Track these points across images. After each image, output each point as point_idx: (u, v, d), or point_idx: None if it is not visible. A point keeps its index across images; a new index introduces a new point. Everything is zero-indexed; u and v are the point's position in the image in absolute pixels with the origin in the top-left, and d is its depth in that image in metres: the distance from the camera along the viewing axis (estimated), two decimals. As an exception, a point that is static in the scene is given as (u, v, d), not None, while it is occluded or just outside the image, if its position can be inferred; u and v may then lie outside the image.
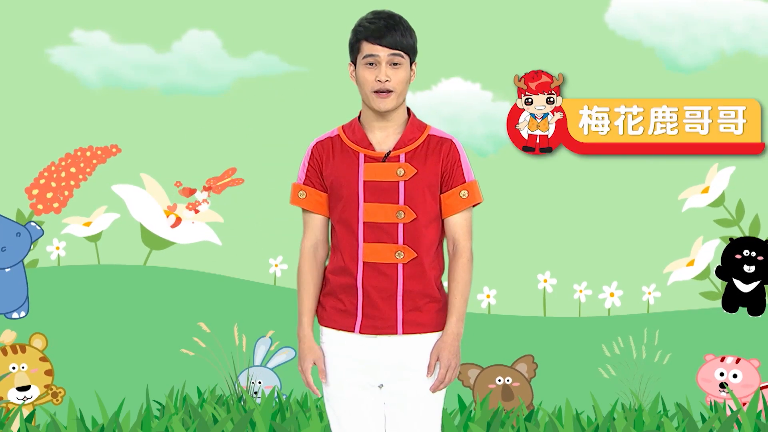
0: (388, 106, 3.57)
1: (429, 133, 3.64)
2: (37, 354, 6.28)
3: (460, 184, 3.61)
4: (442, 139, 3.63)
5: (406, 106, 3.66)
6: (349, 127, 3.66)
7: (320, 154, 3.65)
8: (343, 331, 3.62)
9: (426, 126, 3.66)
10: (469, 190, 3.61)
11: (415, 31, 3.61)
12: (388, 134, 3.62)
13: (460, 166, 3.61)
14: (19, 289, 6.30)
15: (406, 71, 3.58)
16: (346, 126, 3.67)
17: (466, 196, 3.61)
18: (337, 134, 3.67)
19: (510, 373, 6.32)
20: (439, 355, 3.58)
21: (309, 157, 3.68)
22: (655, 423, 6.07)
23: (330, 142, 3.66)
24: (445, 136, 3.65)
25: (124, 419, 6.11)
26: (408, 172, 3.58)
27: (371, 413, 3.63)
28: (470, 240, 3.64)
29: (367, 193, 3.58)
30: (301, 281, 3.69)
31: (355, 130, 3.64)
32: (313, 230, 3.70)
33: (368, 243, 3.57)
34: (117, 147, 6.36)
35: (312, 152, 3.67)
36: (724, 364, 6.26)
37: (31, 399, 6.28)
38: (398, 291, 3.58)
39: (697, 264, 6.30)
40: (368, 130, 3.63)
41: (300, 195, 3.69)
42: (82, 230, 6.35)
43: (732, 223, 6.28)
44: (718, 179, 6.27)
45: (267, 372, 6.36)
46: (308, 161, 3.67)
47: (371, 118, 3.62)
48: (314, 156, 3.66)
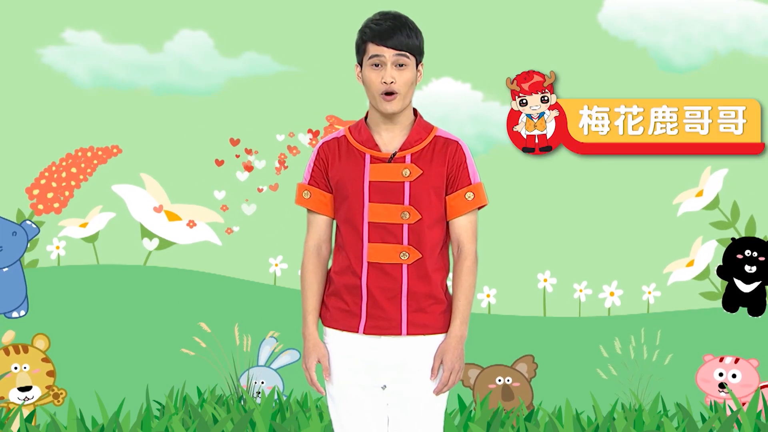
0: (395, 109, 3.57)
1: (435, 134, 3.64)
2: (39, 355, 6.28)
3: (465, 186, 3.60)
4: (448, 140, 3.63)
5: (413, 107, 3.66)
6: (355, 128, 3.66)
7: (326, 155, 3.65)
8: (346, 331, 3.62)
9: (433, 127, 3.66)
10: (474, 192, 3.61)
11: (421, 32, 3.60)
12: (395, 135, 3.62)
13: (466, 168, 3.61)
14: (18, 288, 6.30)
15: (412, 72, 3.57)
16: (352, 127, 3.67)
17: (471, 198, 3.61)
18: (344, 135, 3.67)
19: (510, 373, 6.32)
20: (443, 358, 3.58)
21: (315, 157, 3.67)
22: (655, 423, 6.07)
23: (336, 142, 3.66)
24: (452, 137, 3.65)
25: (124, 419, 6.10)
26: (414, 173, 3.58)
27: (374, 414, 3.63)
28: (475, 242, 3.63)
29: (373, 194, 3.57)
30: (305, 280, 3.69)
31: (361, 131, 3.63)
32: (317, 230, 3.69)
33: (373, 243, 3.57)
34: (118, 147, 6.35)
35: (318, 153, 3.67)
36: (723, 365, 6.27)
37: (33, 399, 6.27)
38: (403, 291, 3.57)
39: (697, 264, 6.30)
40: (374, 131, 3.63)
41: (305, 195, 3.69)
42: (78, 231, 6.34)
43: (728, 225, 6.29)
44: (712, 182, 6.28)
45: (270, 372, 6.36)
46: (314, 162, 3.67)
47: (378, 119, 3.62)
48: (320, 156, 3.66)
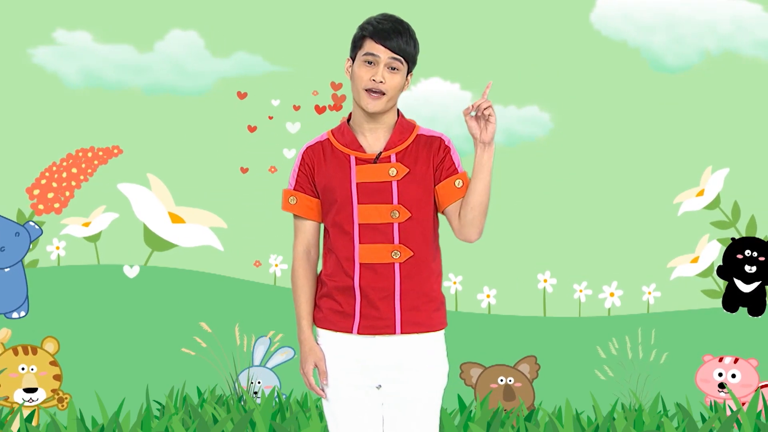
0: (377, 108, 3.56)
1: (418, 132, 3.64)
2: (47, 357, 6.29)
3: (453, 174, 3.61)
4: (430, 137, 3.63)
5: (396, 109, 3.66)
6: (338, 131, 3.65)
7: (311, 159, 3.65)
8: (340, 332, 3.62)
9: (415, 126, 3.66)
10: (463, 180, 3.61)
11: (419, 43, 3.60)
12: (378, 136, 3.62)
13: (451, 158, 3.61)
14: (19, 289, 6.31)
15: (402, 78, 3.58)
16: (335, 129, 3.67)
17: (461, 186, 3.61)
18: (327, 138, 3.66)
19: (512, 373, 6.32)
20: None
21: (300, 162, 3.67)
22: (655, 423, 6.07)
23: (320, 146, 3.66)
24: (434, 133, 3.65)
25: (124, 419, 6.11)
26: (400, 172, 3.58)
27: (369, 414, 3.63)
28: None
29: (361, 195, 3.57)
30: (297, 285, 3.69)
31: (344, 133, 3.63)
32: (305, 235, 3.70)
33: (364, 244, 3.57)
34: (118, 148, 6.36)
35: (303, 158, 3.67)
36: (722, 365, 6.26)
37: (37, 401, 6.28)
38: (396, 291, 3.57)
39: (702, 261, 6.29)
40: (358, 133, 3.63)
41: (291, 201, 3.68)
42: (81, 230, 6.36)
43: (728, 225, 6.28)
44: (713, 182, 6.27)
45: (266, 372, 6.36)
46: (299, 167, 3.67)
47: (361, 119, 3.62)
48: (305, 161, 3.66)
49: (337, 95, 6.22)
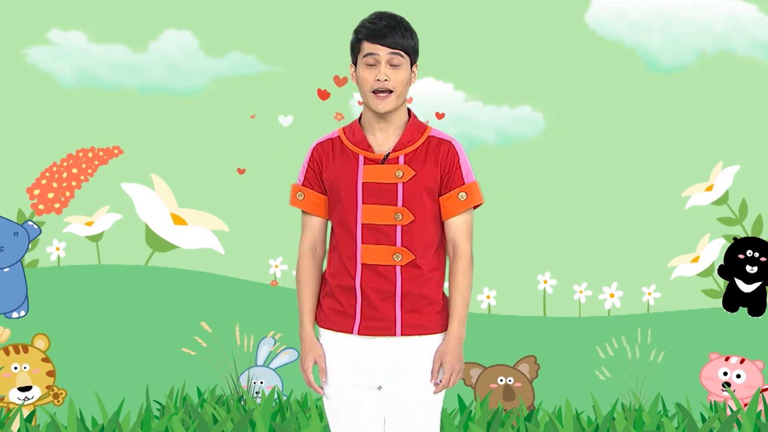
0: (387, 107, 3.56)
1: (429, 134, 3.63)
2: (39, 355, 6.29)
3: (458, 187, 3.59)
4: (441, 140, 3.62)
5: (407, 108, 3.65)
6: (349, 129, 3.66)
7: (320, 156, 3.65)
8: (341, 332, 3.62)
9: (427, 127, 3.65)
10: (467, 192, 3.60)
11: (416, 33, 3.60)
12: (388, 136, 3.62)
13: (459, 168, 3.59)
14: (18, 289, 6.31)
15: (407, 72, 3.57)
16: (346, 127, 3.67)
17: (464, 198, 3.60)
18: (338, 136, 3.67)
19: (512, 373, 6.32)
20: (442, 360, 3.58)
21: (309, 158, 3.67)
22: (654, 423, 6.07)
23: (330, 143, 3.66)
24: (445, 137, 3.63)
25: (124, 419, 6.11)
26: (407, 174, 3.57)
27: (369, 415, 3.63)
28: (470, 242, 3.62)
29: (366, 195, 3.57)
30: (301, 281, 3.69)
31: (355, 132, 3.63)
32: (311, 231, 3.70)
33: (366, 245, 3.57)
34: (119, 148, 6.36)
35: (312, 154, 3.67)
36: (728, 364, 6.25)
37: (33, 399, 6.28)
38: (397, 292, 3.57)
39: (702, 260, 6.29)
40: (368, 132, 3.63)
41: (298, 196, 3.69)
42: (83, 230, 6.36)
43: (735, 222, 6.28)
44: (723, 177, 6.26)
45: (269, 372, 6.36)
46: (308, 163, 3.67)
47: (371, 119, 3.62)
48: (314, 157, 3.66)
49: (339, 77, 6.22)
